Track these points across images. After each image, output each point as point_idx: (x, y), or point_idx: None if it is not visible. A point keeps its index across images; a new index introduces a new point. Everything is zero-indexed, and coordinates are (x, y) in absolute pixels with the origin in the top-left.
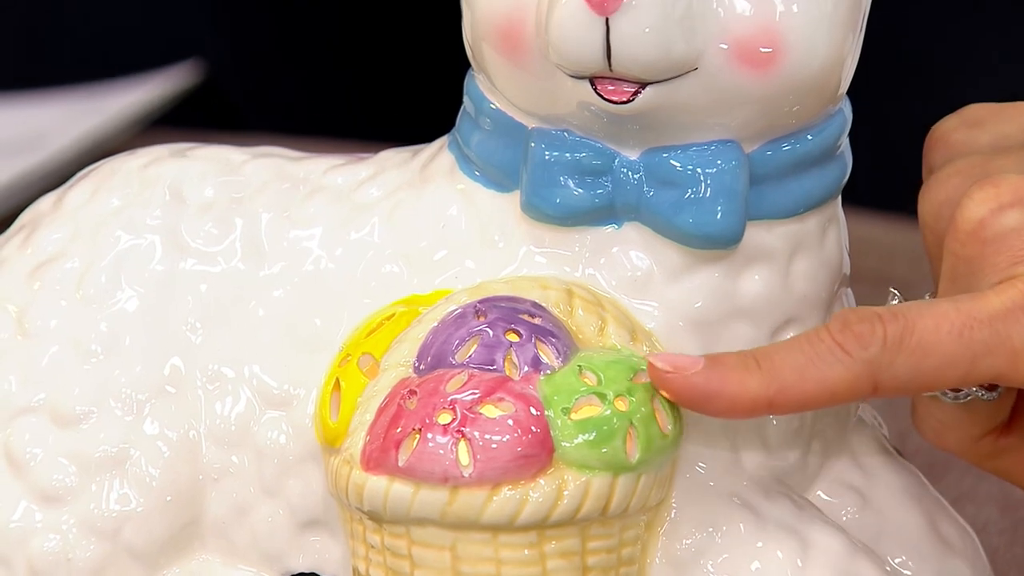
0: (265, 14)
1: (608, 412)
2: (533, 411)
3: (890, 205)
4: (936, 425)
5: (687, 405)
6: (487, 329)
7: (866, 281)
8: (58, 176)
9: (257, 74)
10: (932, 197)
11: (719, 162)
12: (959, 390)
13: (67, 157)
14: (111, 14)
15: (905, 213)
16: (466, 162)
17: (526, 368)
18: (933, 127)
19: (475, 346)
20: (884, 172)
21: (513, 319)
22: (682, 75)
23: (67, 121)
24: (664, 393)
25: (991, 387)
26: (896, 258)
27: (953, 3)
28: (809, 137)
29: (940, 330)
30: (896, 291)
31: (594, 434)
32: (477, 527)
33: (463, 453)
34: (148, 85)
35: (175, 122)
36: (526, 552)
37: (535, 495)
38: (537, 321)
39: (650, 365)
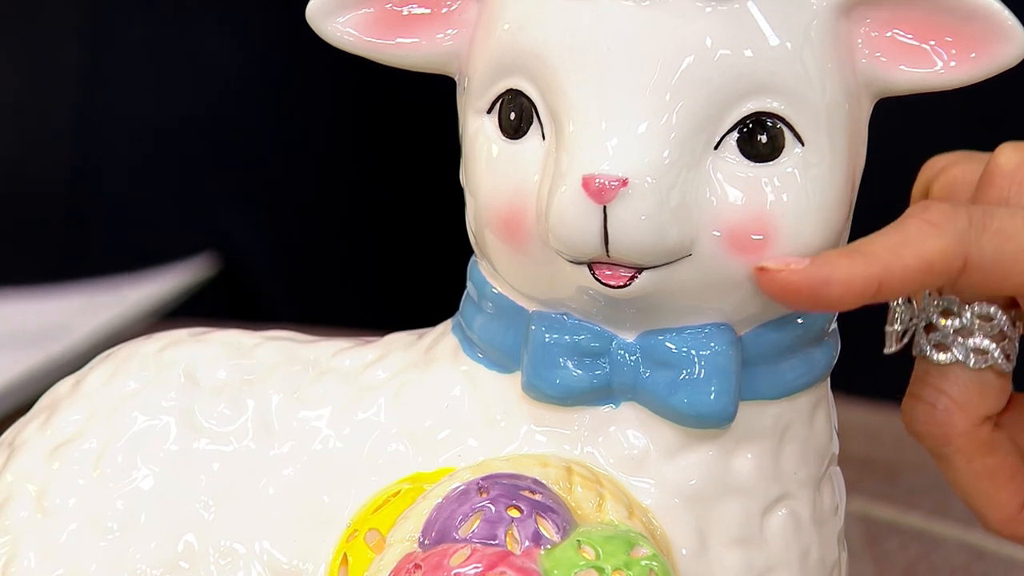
0: (279, 209)
1: None
2: None
3: (875, 391)
4: (948, 405)
5: (804, 300)
6: (489, 505)
7: (853, 464)
8: (79, 363)
9: (270, 266)
10: (932, 165)
11: (713, 344)
12: (985, 352)
13: (88, 345)
14: (129, 208)
15: (889, 398)
16: (469, 344)
17: (527, 543)
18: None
19: (478, 521)
20: (869, 358)
21: (514, 495)
22: (677, 261)
23: (89, 312)
24: (780, 294)
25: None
26: (882, 442)
27: None
28: (799, 321)
29: (1016, 220)
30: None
31: None
32: None
33: None
34: (165, 277)
35: (190, 311)
36: None
37: None
38: (538, 497)
39: (760, 271)
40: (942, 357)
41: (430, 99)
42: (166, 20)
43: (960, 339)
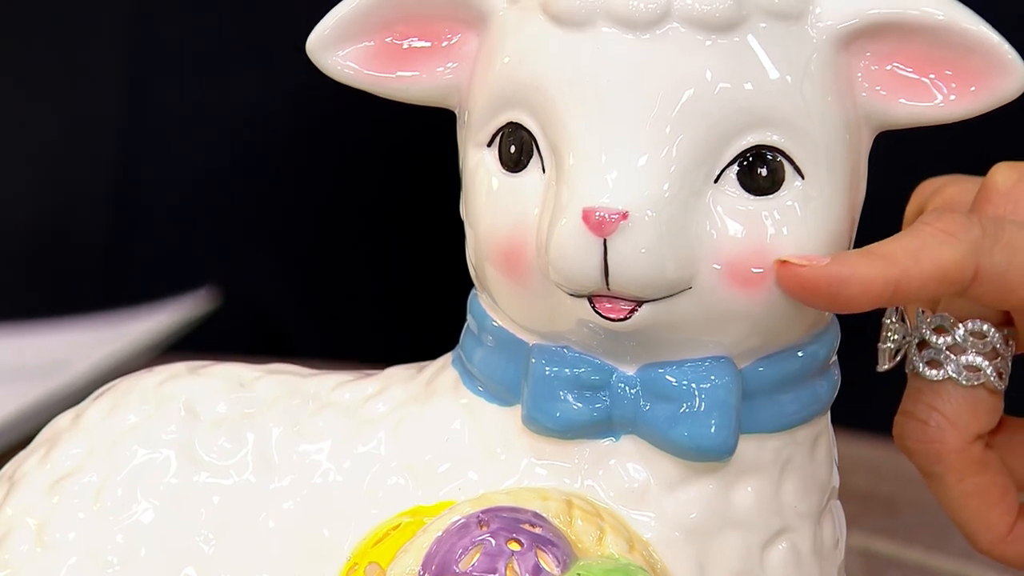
0: (278, 244)
1: None
2: None
3: (876, 425)
4: (940, 422)
5: (821, 297)
6: (489, 538)
7: (854, 499)
8: (79, 397)
9: (268, 301)
10: (926, 187)
11: (713, 378)
12: (977, 369)
13: (88, 380)
14: (164, 250)
15: (890, 433)
16: (469, 377)
17: None
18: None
19: (478, 555)
20: (870, 391)
21: (515, 529)
22: (677, 294)
23: (89, 347)
24: (798, 289)
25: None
26: (883, 476)
27: None
28: (799, 354)
29: (1023, 233)
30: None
31: None
32: None
33: None
34: (165, 312)
35: (207, 347)
36: None
37: None
38: (538, 531)
39: (780, 264)
40: (934, 374)
41: (432, 133)
42: (202, 73)
43: (953, 356)
